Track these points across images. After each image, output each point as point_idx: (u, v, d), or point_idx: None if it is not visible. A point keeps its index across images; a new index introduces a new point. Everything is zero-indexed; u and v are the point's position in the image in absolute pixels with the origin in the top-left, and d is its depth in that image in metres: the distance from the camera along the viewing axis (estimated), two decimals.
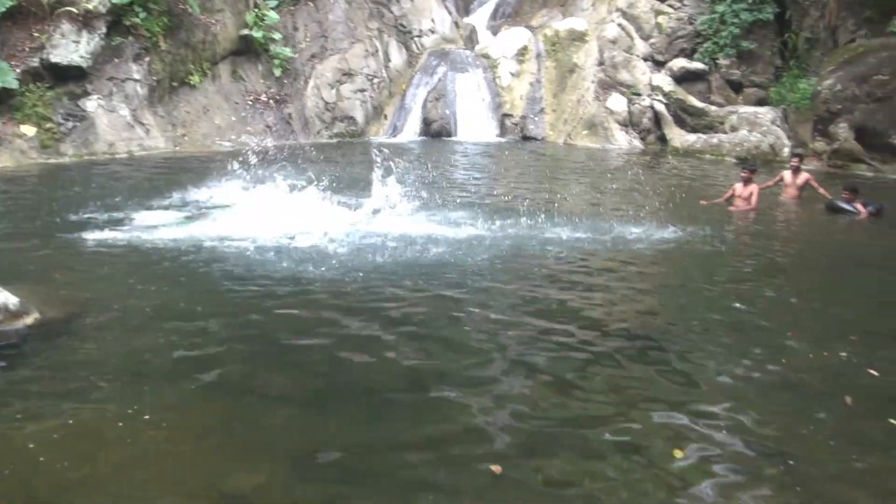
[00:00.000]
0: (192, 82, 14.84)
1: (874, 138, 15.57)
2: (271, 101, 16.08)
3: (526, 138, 18.80)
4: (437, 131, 18.03)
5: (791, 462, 3.61)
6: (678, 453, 3.65)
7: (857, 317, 5.92)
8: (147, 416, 3.74)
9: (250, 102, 15.73)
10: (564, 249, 7.53)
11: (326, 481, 3.32)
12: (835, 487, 3.43)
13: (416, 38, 19.31)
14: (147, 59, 13.90)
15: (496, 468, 3.41)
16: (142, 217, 8.08)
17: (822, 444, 3.80)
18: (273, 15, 16.12)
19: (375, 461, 3.46)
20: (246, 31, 15.69)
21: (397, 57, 18.79)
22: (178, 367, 4.37)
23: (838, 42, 17.83)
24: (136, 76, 13.69)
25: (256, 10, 15.96)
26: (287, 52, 16.44)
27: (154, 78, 13.95)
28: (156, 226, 7.68)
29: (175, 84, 14.55)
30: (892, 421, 4.05)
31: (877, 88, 15.45)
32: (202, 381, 4.20)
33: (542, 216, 8.60)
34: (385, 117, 18.19)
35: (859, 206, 10.34)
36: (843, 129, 15.69)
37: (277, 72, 16.26)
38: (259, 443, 3.59)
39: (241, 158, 10.41)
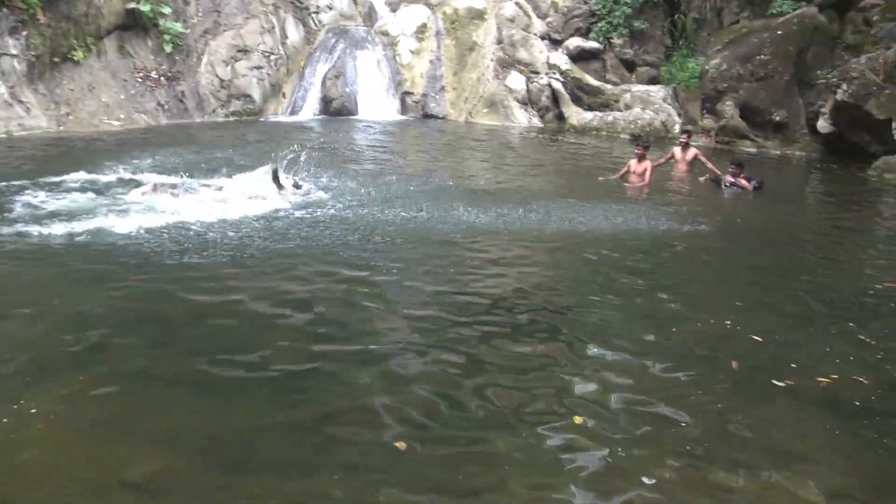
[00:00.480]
0: (75, 58, 14.07)
1: (757, 116, 16.38)
2: (162, 79, 15.45)
3: (427, 116, 18.78)
4: (337, 109, 17.78)
5: (683, 425, 3.79)
6: (578, 420, 3.77)
7: (743, 286, 6.25)
8: (35, 410, 3.57)
9: (140, 80, 15.06)
10: (465, 228, 7.60)
11: (227, 467, 3.26)
12: (724, 446, 3.62)
13: (313, 15, 18.91)
14: (24, 32, 13.06)
15: (401, 444, 3.43)
16: (25, 201, 7.63)
17: (712, 406, 4.01)
18: None
19: (277, 444, 3.42)
20: (133, 5, 14.96)
21: (295, 34, 18.36)
22: (68, 357, 4.17)
23: (723, 23, 18.63)
24: (13, 51, 12.86)
25: None
26: (178, 27, 15.80)
27: (33, 53, 13.14)
28: (40, 211, 7.27)
29: (57, 60, 13.76)
30: (774, 382, 4.31)
31: (759, 68, 16.23)
32: (96, 371, 4.03)
33: (445, 195, 8.65)
34: (284, 95, 17.78)
35: (742, 182, 10.87)
36: (728, 107, 16.43)
37: (168, 48, 15.61)
38: (158, 431, 3.49)
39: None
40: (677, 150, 12.13)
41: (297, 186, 8.47)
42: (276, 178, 8.35)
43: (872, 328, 5.28)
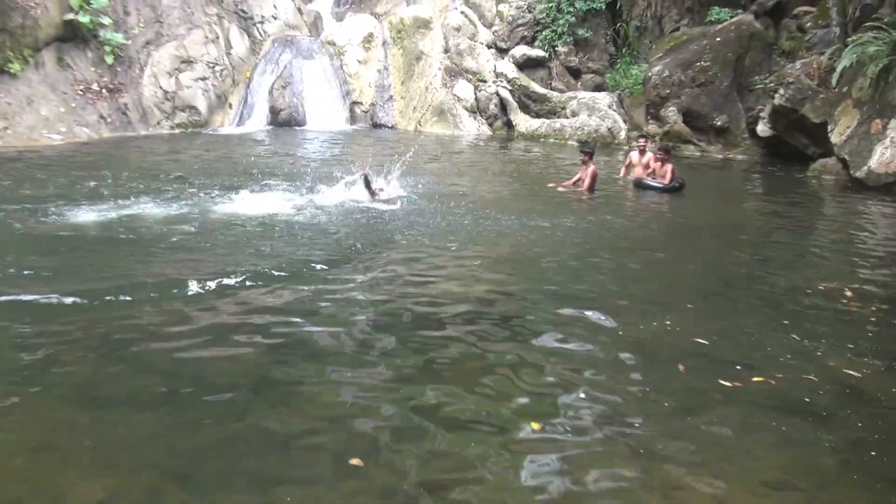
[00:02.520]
0: (12, 70, 13.68)
1: (699, 121, 16.78)
2: (104, 91, 15.12)
3: (376, 126, 18.78)
4: (285, 120, 17.64)
5: (636, 426, 3.85)
6: (536, 426, 3.80)
7: (686, 288, 6.37)
8: None
9: (80, 92, 14.71)
10: (419, 234, 7.61)
11: (177, 487, 3.18)
12: (675, 446, 3.68)
13: (258, 25, 18.74)
14: None
15: (357, 461, 3.39)
16: None
17: (661, 408, 4.08)
18: None
19: (229, 462, 3.35)
20: (71, 16, 14.63)
21: (239, 44, 18.17)
22: (10, 375, 4.04)
23: (664, 30, 19.07)
24: None
25: None
26: (119, 38, 15.49)
27: None
28: None
29: None
30: (721, 382, 4.40)
31: (700, 74, 16.63)
32: (38, 389, 3.90)
33: (399, 202, 8.66)
34: (230, 106, 17.56)
35: (667, 180, 11.17)
36: (672, 113, 16.79)
37: (109, 59, 15.29)
38: (103, 451, 3.39)
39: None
40: (634, 155, 12.39)
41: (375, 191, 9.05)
42: (367, 185, 8.90)
43: (815, 327, 5.43)
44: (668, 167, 11.35)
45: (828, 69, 13.83)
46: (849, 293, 6.25)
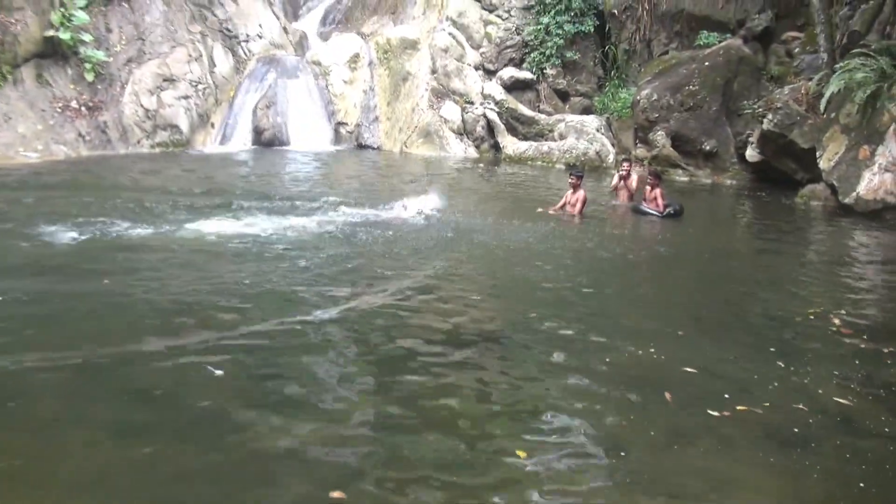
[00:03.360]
0: None
1: (688, 145, 16.95)
2: (83, 109, 15.09)
3: (361, 146, 18.83)
4: (269, 140, 17.67)
5: (622, 455, 3.86)
6: (522, 454, 3.80)
7: (674, 315, 6.41)
8: None
9: (59, 110, 14.68)
10: (394, 253, 7.62)
11: None
12: (663, 477, 3.69)
13: (242, 44, 18.81)
14: None
15: (338, 494, 3.35)
16: None
17: (649, 438, 4.09)
18: (82, 15, 15.13)
19: (201, 493, 3.32)
20: (52, 32, 14.63)
21: (223, 62, 18.22)
22: None
23: (653, 54, 19.30)
24: None
25: (63, 9, 14.93)
26: (100, 55, 15.50)
27: None
28: None
29: None
30: (709, 412, 4.42)
31: (688, 98, 16.83)
32: (16, 405, 3.86)
33: (382, 224, 8.68)
34: (213, 125, 17.57)
35: (659, 205, 11.23)
36: (660, 137, 16.95)
37: (90, 76, 15.29)
38: (69, 479, 3.35)
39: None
40: (617, 179, 12.47)
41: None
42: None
43: (804, 355, 5.48)
44: (657, 192, 11.43)
45: (816, 95, 14.04)
46: (837, 321, 6.31)
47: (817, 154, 13.24)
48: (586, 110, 19.64)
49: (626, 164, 12.67)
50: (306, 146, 17.91)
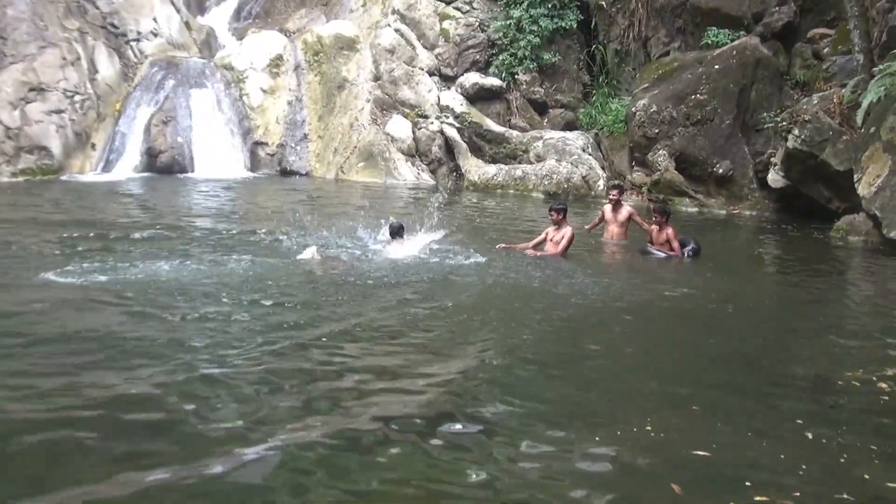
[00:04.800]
0: None
1: (696, 168, 17.18)
2: None
3: (286, 173, 18.78)
4: (166, 165, 17.51)
5: None
6: None
7: (684, 381, 6.36)
8: None
9: None
10: (331, 308, 7.52)
11: None
12: None
13: (132, 44, 18.74)
14: None
15: None
16: None
17: None
18: None
19: None
20: None
21: (108, 67, 18.11)
22: None
23: (651, 55, 19.67)
24: None
25: None
26: None
27: None
28: None
29: None
30: None
31: (695, 109, 17.11)
32: None
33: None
34: (93, 147, 17.38)
35: (674, 249, 11.26)
36: (662, 158, 17.18)
37: None
38: None
39: None
40: (607, 210, 12.43)
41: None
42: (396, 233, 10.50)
43: (842, 428, 5.44)
44: (668, 232, 11.37)
45: (851, 104, 14.35)
46: (884, 385, 6.31)
47: (855, 177, 13.46)
48: (569, 125, 19.88)
49: (614, 190, 12.58)
50: (214, 173, 17.79)
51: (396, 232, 10.52)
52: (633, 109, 17.75)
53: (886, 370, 6.73)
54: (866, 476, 4.80)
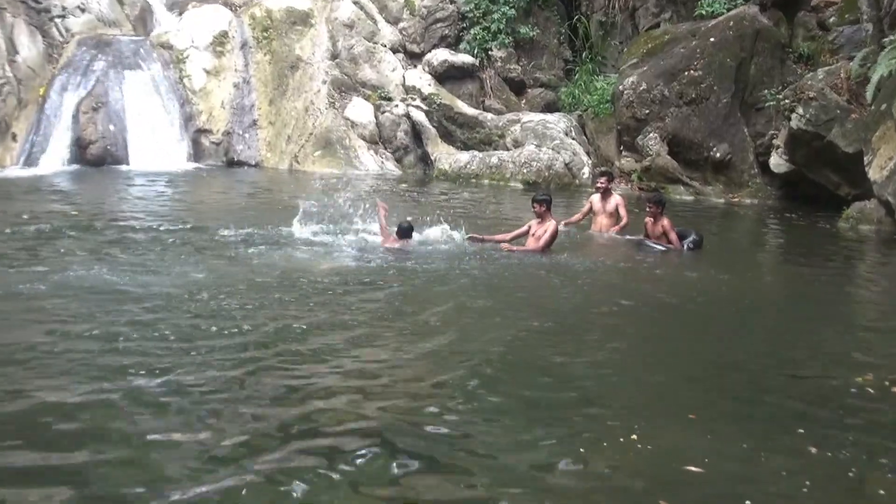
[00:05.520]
0: None
1: (691, 152, 17.24)
2: None
3: (234, 163, 18.66)
4: (97, 157, 17.34)
5: None
6: None
7: (679, 388, 6.38)
8: None
9: None
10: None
11: None
12: None
13: (57, 20, 18.53)
14: None
15: None
16: None
17: None
18: None
19: None
20: None
21: (29, 47, 17.92)
22: None
23: (639, 27, 19.75)
24: None
25: None
26: None
27: None
28: None
29: None
30: None
31: (689, 87, 17.18)
32: None
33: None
34: (14, 138, 17.20)
35: (672, 241, 11.30)
36: (653, 141, 17.22)
37: None
38: None
39: None
40: (595, 199, 12.44)
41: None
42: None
43: (850, 439, 5.46)
44: (664, 223, 11.40)
45: (860, 79, 14.43)
46: None
47: (865, 160, 13.53)
48: (550, 106, 19.90)
49: (602, 178, 12.62)
50: (153, 165, 17.61)
51: (405, 233, 10.86)
52: (621, 88, 17.79)
53: None
54: (880, 493, 4.82)
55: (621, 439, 5.29)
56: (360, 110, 19.11)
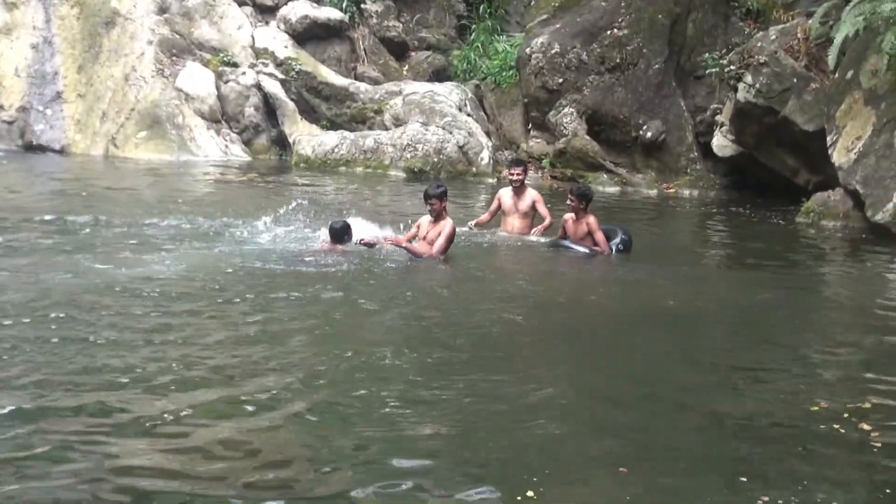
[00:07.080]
0: None
1: (615, 131, 17.42)
2: None
3: (31, 147, 18.29)
4: None
5: None
6: None
7: (607, 426, 6.41)
8: None
9: None
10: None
11: None
12: None
13: None
14: None
15: None
16: None
17: None
18: None
19: None
20: None
21: None
22: None
23: None
24: None
25: None
26: None
27: None
28: None
29: None
30: None
31: (612, 50, 17.36)
32: None
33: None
34: None
35: (598, 242, 11.41)
36: (568, 118, 17.33)
37: None
38: None
39: None
40: (505, 195, 12.39)
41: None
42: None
43: (807, 479, 5.56)
44: (588, 221, 11.42)
45: (820, 40, 14.73)
46: (866, 425, 6.47)
47: (828, 140, 13.77)
48: (439, 74, 19.95)
49: (516, 168, 12.55)
50: None
51: (338, 235, 10.91)
52: (528, 51, 17.87)
53: (867, 402, 6.89)
54: None
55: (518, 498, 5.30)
56: (196, 79, 18.88)
